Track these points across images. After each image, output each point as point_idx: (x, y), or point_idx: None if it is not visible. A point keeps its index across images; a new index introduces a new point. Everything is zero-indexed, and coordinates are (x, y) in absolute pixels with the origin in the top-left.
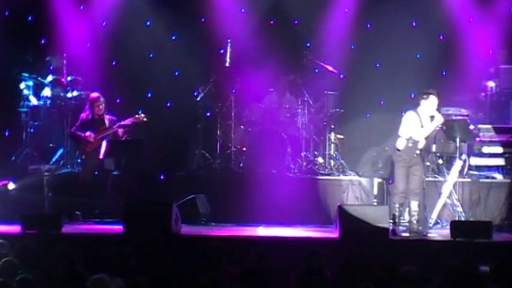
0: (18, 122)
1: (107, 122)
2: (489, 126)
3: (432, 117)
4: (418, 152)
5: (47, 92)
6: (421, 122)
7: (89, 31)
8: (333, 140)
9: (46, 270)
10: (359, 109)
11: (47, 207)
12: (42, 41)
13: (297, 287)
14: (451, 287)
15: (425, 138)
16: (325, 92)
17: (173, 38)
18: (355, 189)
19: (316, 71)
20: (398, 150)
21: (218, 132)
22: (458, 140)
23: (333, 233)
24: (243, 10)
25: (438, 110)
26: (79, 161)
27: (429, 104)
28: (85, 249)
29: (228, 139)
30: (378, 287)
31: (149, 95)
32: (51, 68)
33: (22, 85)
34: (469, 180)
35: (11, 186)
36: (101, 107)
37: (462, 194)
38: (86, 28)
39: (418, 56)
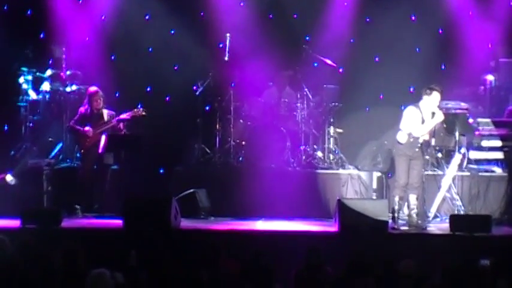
0: (17, 117)
1: (105, 116)
2: (488, 120)
3: (433, 114)
4: (419, 146)
5: (46, 86)
6: (422, 117)
7: (88, 25)
8: (332, 134)
9: (46, 265)
10: (358, 103)
11: (46, 202)
12: (41, 35)
13: (297, 281)
14: (450, 281)
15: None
16: (325, 86)
17: (172, 32)
18: (355, 183)
19: (316, 65)
20: (400, 143)
21: (217, 127)
22: (457, 133)
23: (332, 227)
24: (242, 4)
25: (438, 105)
26: (78, 155)
27: (432, 100)
28: (84, 243)
29: (228, 133)
30: (378, 282)
31: (148, 89)
32: (51, 59)
33: (21, 79)
34: (468, 174)
35: (9, 178)
36: (99, 101)
37: (461, 188)
38: (85, 22)
39: (418, 50)
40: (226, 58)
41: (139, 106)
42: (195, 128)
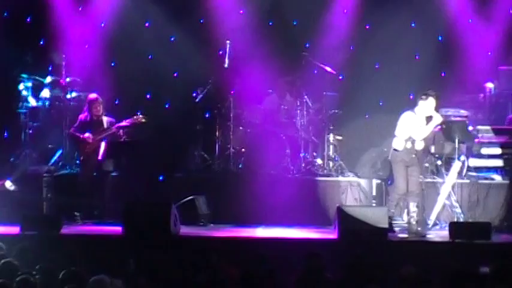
0: (17, 123)
1: (105, 123)
2: (488, 127)
3: (429, 118)
4: (415, 152)
5: (45, 93)
6: (417, 120)
7: (87, 32)
8: (331, 141)
9: (46, 271)
10: (358, 110)
11: (46, 209)
12: (41, 42)
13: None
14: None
15: (424, 139)
16: (324, 93)
17: (172, 39)
18: (354, 191)
19: (315, 72)
20: (396, 150)
21: (217, 134)
22: (457, 141)
23: (332, 234)
24: (241, 11)
25: (436, 111)
26: (78, 162)
27: (427, 105)
28: (84, 250)
29: (227, 140)
30: None
31: (148, 96)
32: (51, 65)
33: (21, 86)
34: (467, 181)
35: (8, 184)
36: (98, 108)
37: (461, 195)
38: (85, 29)
39: (417, 57)
40: (226, 65)
41: (138, 113)
42: (195, 135)
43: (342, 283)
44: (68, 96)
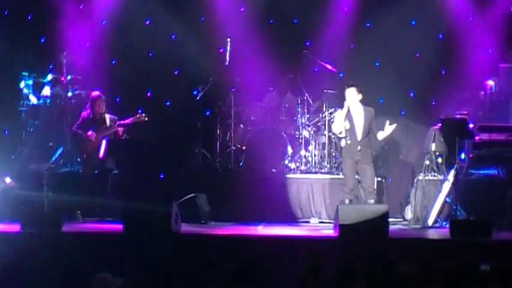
0: (18, 121)
1: (108, 121)
2: (489, 124)
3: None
4: (358, 149)
5: (46, 91)
6: (348, 114)
7: (88, 30)
8: (332, 139)
9: (46, 269)
10: None
11: (47, 206)
12: (42, 40)
13: (297, 285)
14: (450, 286)
15: (359, 134)
16: (325, 90)
17: (173, 37)
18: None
19: (316, 70)
20: (342, 147)
21: (218, 131)
22: (457, 138)
23: (332, 232)
24: (242, 9)
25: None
26: (79, 160)
27: (346, 96)
28: (85, 248)
29: (228, 138)
30: (376, 286)
31: (149, 94)
32: (52, 64)
33: (22, 84)
34: (468, 178)
35: (8, 180)
36: (101, 105)
37: (462, 193)
38: (86, 27)
39: (418, 55)
40: (226, 63)
41: (140, 111)
42: (196, 133)
43: (341, 280)
44: (69, 94)
